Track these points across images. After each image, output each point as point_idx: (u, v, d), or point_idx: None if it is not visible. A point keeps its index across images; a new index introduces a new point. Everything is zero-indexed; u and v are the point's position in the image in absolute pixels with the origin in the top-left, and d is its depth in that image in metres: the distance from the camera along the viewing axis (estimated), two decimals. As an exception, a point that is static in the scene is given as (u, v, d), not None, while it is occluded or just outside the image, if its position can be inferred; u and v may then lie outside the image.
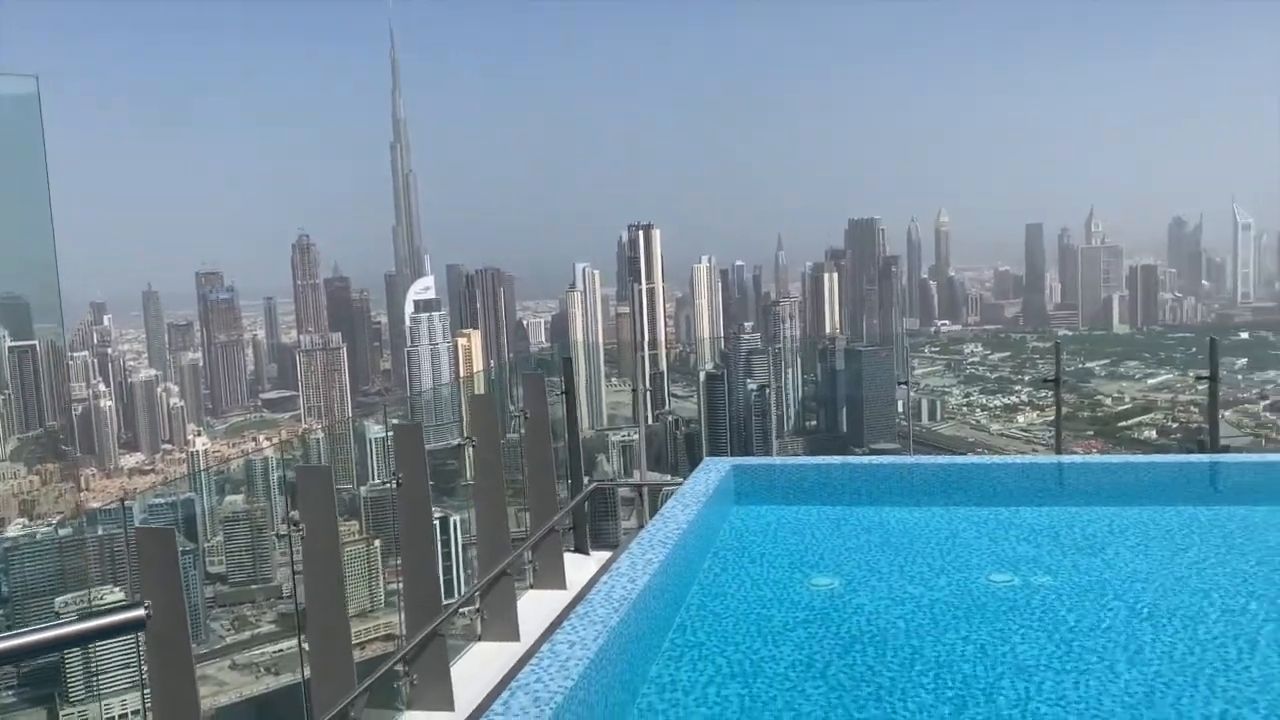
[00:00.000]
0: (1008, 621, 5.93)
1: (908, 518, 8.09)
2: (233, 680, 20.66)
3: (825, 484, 8.78)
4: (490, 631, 7.92)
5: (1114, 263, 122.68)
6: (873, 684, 5.15)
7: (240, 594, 22.47)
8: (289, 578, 22.99)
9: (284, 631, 22.22)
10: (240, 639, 22.57)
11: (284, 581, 22.30)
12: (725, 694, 5.10)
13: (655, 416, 24.24)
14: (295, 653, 21.31)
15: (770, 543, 7.69)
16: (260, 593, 22.75)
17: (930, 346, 51.89)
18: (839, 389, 34.38)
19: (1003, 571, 6.75)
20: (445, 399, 11.82)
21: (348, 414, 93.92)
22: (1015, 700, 4.90)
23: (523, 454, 9.21)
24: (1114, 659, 5.33)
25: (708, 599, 6.47)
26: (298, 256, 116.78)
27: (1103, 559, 7.01)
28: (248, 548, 21.60)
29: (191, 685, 4.75)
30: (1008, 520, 7.91)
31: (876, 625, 5.91)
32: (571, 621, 5.22)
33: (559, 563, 9.09)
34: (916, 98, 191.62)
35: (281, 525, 15.91)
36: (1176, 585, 6.43)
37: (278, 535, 12.07)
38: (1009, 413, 44.73)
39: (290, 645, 22.21)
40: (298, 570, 6.17)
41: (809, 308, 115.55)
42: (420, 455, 6.94)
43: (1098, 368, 39.71)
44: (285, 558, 6.25)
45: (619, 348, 52.62)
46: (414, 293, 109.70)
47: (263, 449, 34.48)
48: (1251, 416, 32.46)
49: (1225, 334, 17.02)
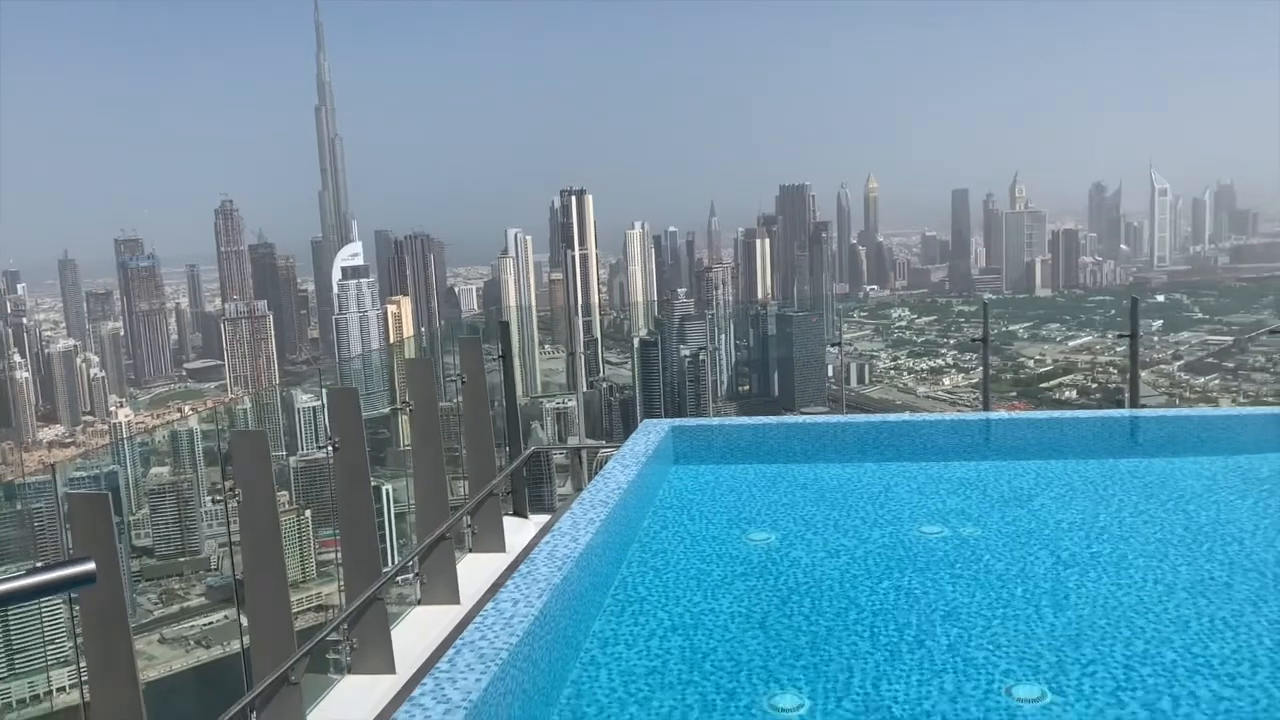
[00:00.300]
0: (938, 570, 6.10)
1: (842, 474, 8.27)
2: (162, 654, 20.32)
3: (761, 443, 8.91)
4: (430, 595, 7.91)
5: (1037, 227, 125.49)
6: (809, 633, 5.29)
7: (168, 567, 22.05)
8: (217, 550, 22.59)
9: (214, 604, 21.91)
10: (169, 613, 22.19)
11: (213, 553, 21.96)
12: (667, 646, 5.19)
13: (590, 384, 24.26)
14: (226, 625, 21.05)
15: (708, 500, 7.80)
16: (189, 565, 22.35)
17: (859, 311, 52.58)
18: (771, 354, 34.76)
19: (933, 523, 6.95)
20: (375, 367, 11.69)
21: (275, 383, 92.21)
22: (947, 645, 5.07)
23: (459, 420, 9.17)
24: (1040, 604, 5.54)
25: (648, 556, 6.56)
26: (221, 222, 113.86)
27: (1029, 510, 7.25)
28: (175, 520, 21.18)
29: (129, 654, 4.69)
30: (938, 475, 8.12)
31: (813, 577, 6.04)
32: (515, 580, 5.25)
33: (498, 526, 9.09)
34: (846, 64, 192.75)
35: (209, 495, 15.53)
36: (1099, 533, 6.68)
37: (214, 500, 11.91)
38: (935, 375, 45.68)
39: (221, 618, 21.95)
40: (235, 539, 6.09)
41: (741, 273, 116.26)
42: (357, 419, 6.87)
43: (1021, 330, 40.59)
44: (215, 529, 6.18)
45: (552, 314, 52.38)
46: (341, 259, 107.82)
47: (188, 417, 33.77)
48: (1166, 377, 33.51)
49: (1143, 296, 17.69)
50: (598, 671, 4.95)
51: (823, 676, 4.80)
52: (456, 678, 4.17)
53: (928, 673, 4.78)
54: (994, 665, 4.85)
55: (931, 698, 4.55)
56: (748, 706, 4.56)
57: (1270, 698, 4.44)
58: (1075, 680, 4.66)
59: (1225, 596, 5.56)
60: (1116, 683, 4.61)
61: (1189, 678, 4.64)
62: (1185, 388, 33.29)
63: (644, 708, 4.57)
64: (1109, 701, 4.44)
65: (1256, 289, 45.97)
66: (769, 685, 4.74)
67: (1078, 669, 4.76)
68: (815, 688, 4.68)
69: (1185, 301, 37.40)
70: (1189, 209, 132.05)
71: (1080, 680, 4.65)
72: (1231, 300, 37.56)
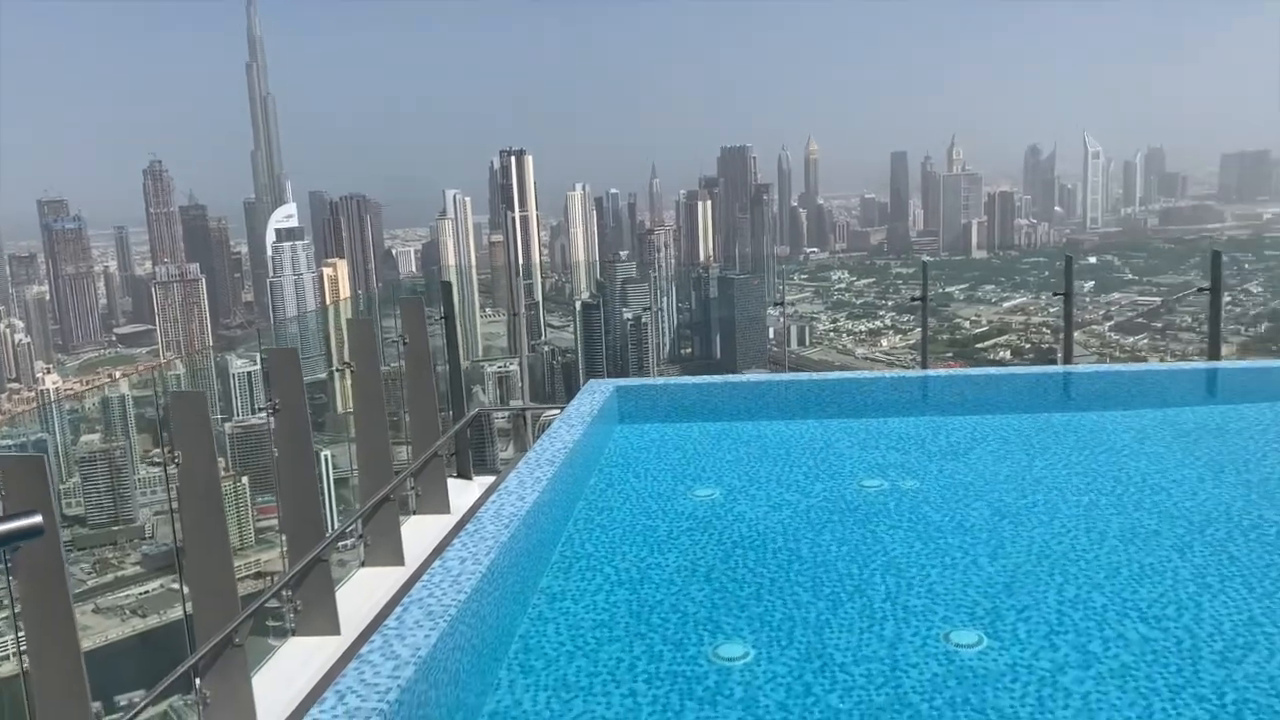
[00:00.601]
0: (879, 523, 6.24)
1: (785, 430, 8.38)
2: (96, 624, 20.01)
3: (706, 402, 8.98)
4: (374, 557, 7.87)
5: (973, 190, 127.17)
6: (754, 585, 5.38)
7: (101, 536, 21.65)
8: (152, 518, 22.18)
9: (150, 573, 21.58)
10: (104, 582, 21.81)
11: (148, 521, 21.59)
12: (614, 600, 5.24)
13: (532, 347, 24.14)
14: (163, 594, 20.75)
15: (654, 459, 7.86)
16: (123, 534, 21.95)
17: (799, 274, 52.92)
18: (713, 316, 34.90)
19: (874, 477, 7.08)
20: (311, 330, 11.50)
21: (209, 345, 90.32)
22: (886, 595, 5.19)
23: (400, 384, 9.09)
24: (977, 554, 5.69)
25: (594, 513, 6.60)
26: (149, 183, 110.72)
27: (966, 463, 7.42)
28: (108, 488, 20.77)
29: (70, 620, 4.61)
30: (878, 430, 8.28)
31: (756, 530, 6.13)
32: (462, 539, 5.26)
33: (442, 488, 9.06)
34: (786, 25, 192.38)
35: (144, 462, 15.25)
36: (1033, 485, 6.87)
37: (151, 464, 11.67)
38: (873, 337, 46.26)
39: (158, 586, 21.62)
40: (175, 504, 5.98)
41: (683, 235, 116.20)
42: (297, 379, 6.78)
43: (957, 292, 41.21)
44: (150, 497, 6.07)
45: (493, 277, 51.93)
46: (275, 221, 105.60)
47: (118, 382, 32.88)
48: (1097, 337, 34.33)
49: (1076, 257, 18.12)
50: (545, 626, 4.99)
51: (767, 626, 4.89)
52: (405, 634, 4.17)
53: (868, 621, 4.90)
54: (932, 612, 4.98)
55: (872, 645, 4.66)
56: (694, 657, 4.63)
57: (1194, 638, 4.62)
58: (1010, 625, 4.81)
59: (1153, 544, 5.76)
60: (1050, 627, 4.76)
61: (1118, 621, 4.82)
62: (1115, 347, 34.13)
63: (591, 660, 4.62)
64: (1043, 645, 4.59)
65: (1184, 250, 47.18)
66: (714, 636, 4.82)
67: (1013, 614, 4.91)
68: (759, 637, 4.77)
69: (1116, 263, 38.29)
70: (1120, 172, 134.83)
71: (1015, 625, 4.80)
72: (1160, 261, 38.56)
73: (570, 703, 4.28)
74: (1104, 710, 4.05)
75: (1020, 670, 4.39)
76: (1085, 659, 4.46)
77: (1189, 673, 4.33)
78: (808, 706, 4.17)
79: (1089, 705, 4.09)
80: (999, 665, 4.45)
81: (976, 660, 4.50)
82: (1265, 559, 5.48)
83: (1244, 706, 4.04)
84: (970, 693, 4.22)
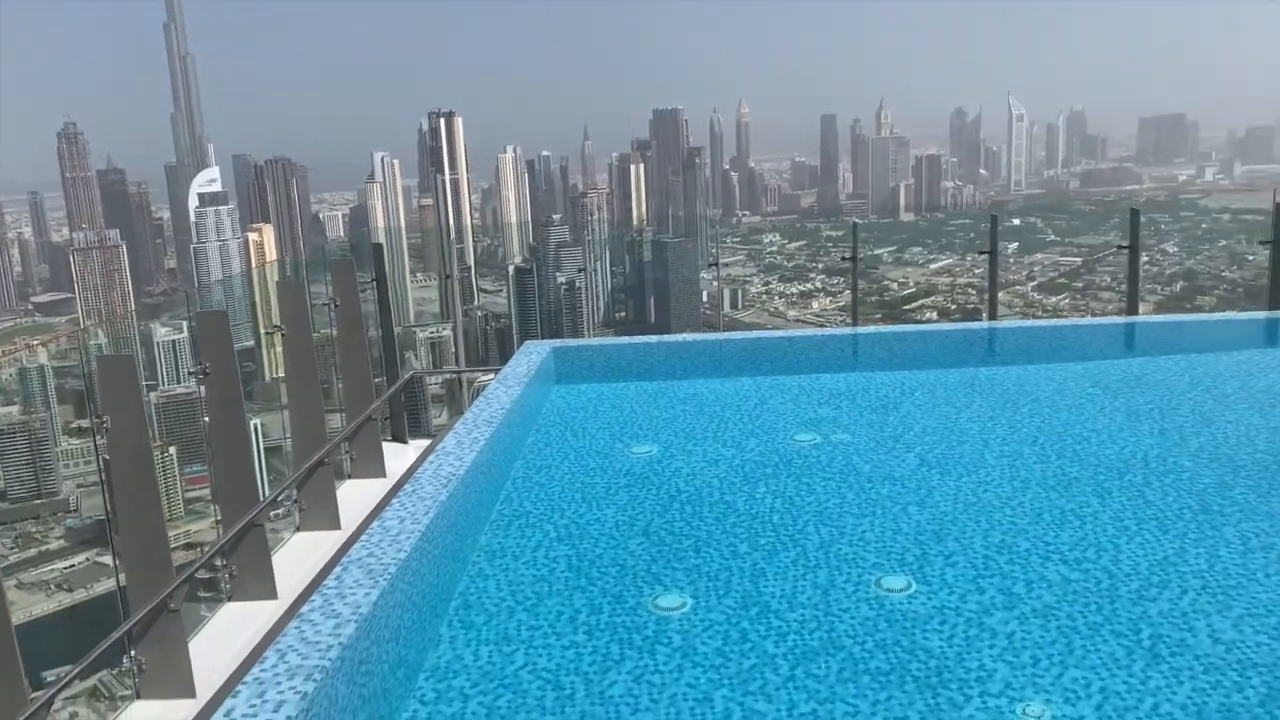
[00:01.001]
0: (812, 475, 6.37)
1: (719, 388, 8.48)
2: (21, 599, 19.55)
3: (642, 361, 9.05)
4: (310, 522, 7.80)
5: (901, 153, 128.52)
6: (691, 537, 5.47)
7: (22, 510, 21.11)
8: (76, 490, 21.62)
9: (75, 546, 21.10)
10: (26, 557, 21.29)
11: (72, 494, 21.08)
12: (554, 556, 5.30)
13: (465, 312, 23.95)
14: (90, 567, 20.27)
15: (591, 418, 7.90)
16: (46, 508, 21.42)
17: (732, 237, 53.11)
18: (647, 280, 34.88)
19: (806, 431, 7.22)
20: (238, 297, 11.30)
21: (131, 310, 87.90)
22: (820, 543, 5.33)
23: (332, 349, 8.97)
24: (906, 502, 5.85)
25: (533, 472, 6.63)
26: (64, 147, 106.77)
27: (895, 416, 7.61)
28: (28, 461, 20.23)
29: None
30: (810, 386, 8.42)
31: (693, 485, 6.23)
32: (400, 499, 5.26)
33: (378, 452, 8.99)
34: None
35: (66, 433, 14.89)
36: (960, 437, 7.06)
37: (74, 435, 11.39)
38: (805, 299, 46.71)
39: (84, 560, 21.17)
40: (103, 473, 5.87)
41: (616, 199, 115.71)
42: (227, 342, 6.66)
43: (885, 255, 41.75)
44: (74, 470, 5.94)
45: (423, 241, 51.28)
46: (198, 185, 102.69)
47: (35, 351, 31.86)
48: (1021, 297, 35.11)
49: (1001, 218, 18.49)
50: (486, 583, 5.03)
51: (704, 576, 4.99)
52: (345, 593, 4.18)
53: (802, 569, 5.03)
54: (863, 560, 5.13)
55: (806, 591, 4.79)
56: (633, 608, 4.71)
57: (1111, 577, 4.83)
58: (939, 570, 4.97)
59: (1074, 490, 5.98)
60: (976, 571, 4.94)
61: (1040, 564, 5.01)
62: (1038, 307, 34.96)
63: (532, 613, 4.67)
64: (969, 588, 4.76)
65: (1104, 211, 48.37)
66: (653, 587, 4.90)
67: (940, 560, 5.08)
68: (697, 587, 4.87)
69: (1039, 225, 39.11)
70: (1044, 134, 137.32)
71: (943, 570, 4.97)
72: (1081, 223, 39.49)
73: (512, 655, 4.33)
74: (1028, 648, 4.23)
75: (948, 612, 4.55)
76: (1009, 600, 4.64)
77: (1107, 610, 4.53)
78: (744, 652, 4.27)
79: (1014, 644, 4.26)
80: (927, 608, 4.60)
81: (906, 604, 4.65)
82: (1179, 502, 5.73)
83: (1158, 641, 4.25)
84: (900, 635, 4.36)
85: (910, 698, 3.88)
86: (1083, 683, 3.95)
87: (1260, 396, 7.94)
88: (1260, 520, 5.45)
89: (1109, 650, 4.18)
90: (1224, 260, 29.03)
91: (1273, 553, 5.04)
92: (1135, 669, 4.03)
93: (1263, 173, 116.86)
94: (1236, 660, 4.07)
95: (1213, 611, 4.48)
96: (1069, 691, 3.90)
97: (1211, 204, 44.30)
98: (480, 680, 4.15)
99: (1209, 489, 5.92)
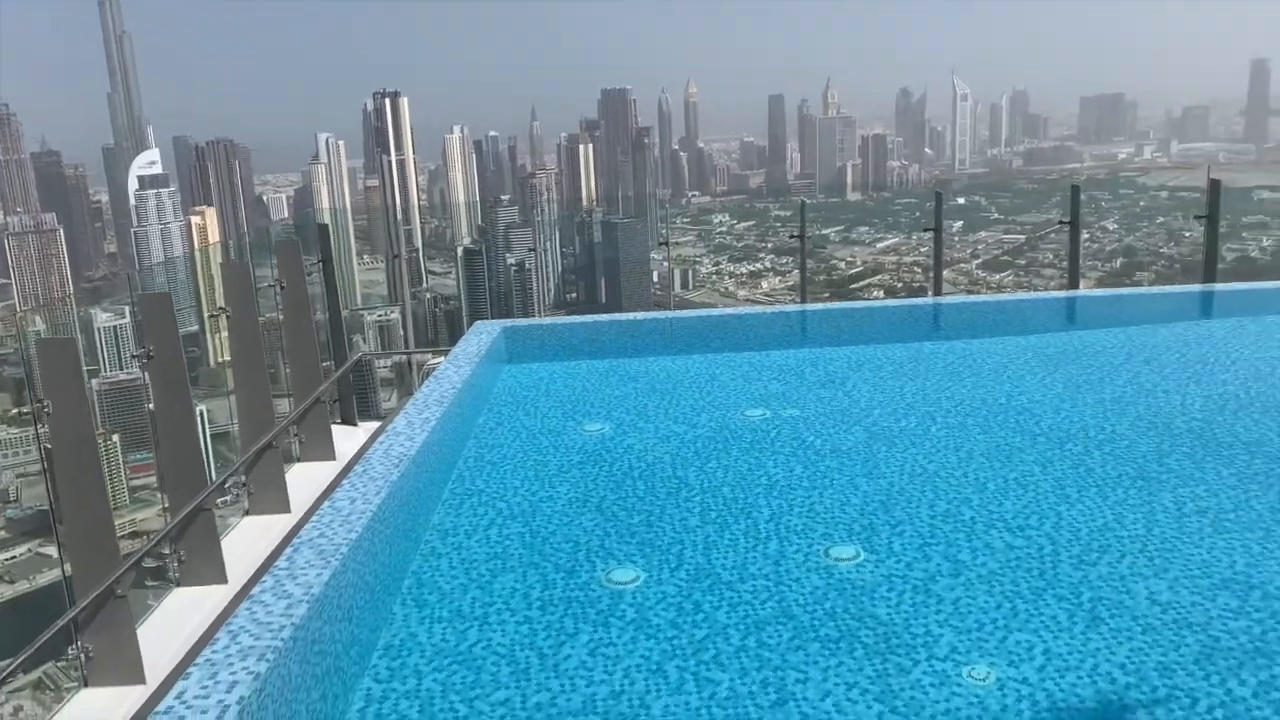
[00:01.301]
0: (762, 450, 6.45)
1: (670, 366, 8.53)
2: (-45, 594, 19.11)
3: (593, 340, 9.07)
4: (259, 505, 7.74)
5: (848, 132, 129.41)
6: (644, 512, 5.51)
7: (-44, 501, 20.61)
8: (15, 480, 21.23)
9: (15, 537, 20.64)
10: (-39, 549, 20.79)
11: (10, 484, 20.61)
12: (506, 533, 5.31)
13: (413, 294, 23.74)
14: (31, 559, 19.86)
15: (543, 396, 7.91)
16: (-19, 498, 20.92)
17: (682, 217, 53.12)
18: (597, 260, 34.79)
19: (756, 407, 7.30)
20: (180, 281, 11.09)
21: (69, 293, 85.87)
22: (770, 516, 5.40)
23: (279, 332, 8.87)
24: (854, 474, 5.95)
25: (485, 451, 6.63)
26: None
27: (843, 391, 7.71)
28: (-38, 450, 19.70)
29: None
30: (759, 363, 8.50)
31: (645, 461, 6.27)
32: (351, 480, 5.24)
33: (327, 435, 8.92)
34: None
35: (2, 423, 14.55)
36: (906, 410, 7.18)
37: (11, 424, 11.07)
38: (754, 279, 46.93)
39: (25, 551, 20.75)
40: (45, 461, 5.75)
41: (565, 179, 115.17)
42: (171, 326, 6.56)
43: (832, 234, 42.05)
44: (12, 459, 5.80)
45: (370, 222, 50.59)
46: (137, 167, 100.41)
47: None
48: (965, 274, 35.57)
49: (946, 196, 18.71)
50: (439, 561, 5.03)
51: (657, 550, 5.04)
52: (296, 574, 4.16)
53: (753, 541, 5.09)
54: (813, 530, 5.21)
55: (757, 563, 4.86)
56: (586, 583, 4.74)
57: (1054, 544, 4.95)
58: (886, 539, 5.06)
59: (1017, 460, 6.12)
60: (922, 539, 5.04)
61: (985, 531, 5.12)
62: (983, 285, 35.43)
63: (486, 590, 4.69)
64: (916, 556, 4.86)
65: (1046, 190, 49.12)
66: (606, 562, 4.94)
67: (888, 529, 5.18)
68: (650, 561, 4.92)
69: (983, 203, 39.61)
70: (987, 114, 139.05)
71: (890, 539, 5.06)
72: (1024, 201, 40.06)
73: (465, 632, 4.34)
74: (973, 613, 4.33)
75: (895, 580, 4.64)
76: (955, 567, 4.74)
77: (1049, 575, 4.65)
78: (697, 623, 4.33)
79: (959, 610, 4.36)
80: (875, 576, 4.69)
81: (854, 573, 4.73)
82: (1118, 470, 5.89)
83: (1099, 604, 4.37)
84: (849, 603, 4.44)
85: (859, 663, 3.96)
86: (1026, 645, 4.05)
87: (1195, 367, 8.17)
88: (1195, 485, 5.62)
89: (1051, 614, 4.29)
90: (1162, 237, 29.64)
91: (1206, 516, 5.21)
92: (1076, 631, 4.15)
93: (1198, 151, 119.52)
94: (1173, 620, 4.21)
95: (1150, 574, 4.62)
96: (1013, 654, 4.00)
97: (1150, 182, 45.13)
98: (434, 657, 4.16)
99: (1147, 456, 6.09)
